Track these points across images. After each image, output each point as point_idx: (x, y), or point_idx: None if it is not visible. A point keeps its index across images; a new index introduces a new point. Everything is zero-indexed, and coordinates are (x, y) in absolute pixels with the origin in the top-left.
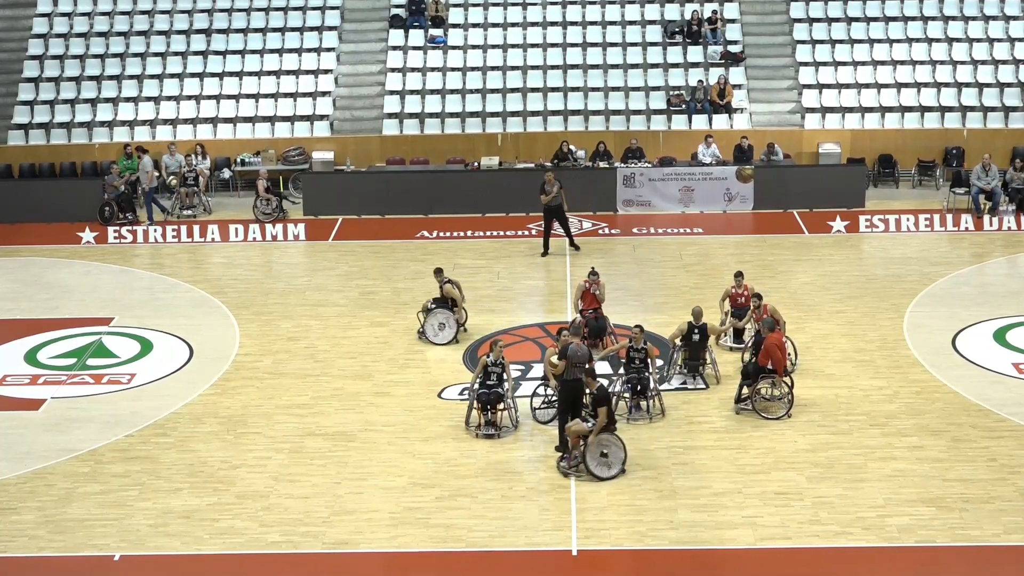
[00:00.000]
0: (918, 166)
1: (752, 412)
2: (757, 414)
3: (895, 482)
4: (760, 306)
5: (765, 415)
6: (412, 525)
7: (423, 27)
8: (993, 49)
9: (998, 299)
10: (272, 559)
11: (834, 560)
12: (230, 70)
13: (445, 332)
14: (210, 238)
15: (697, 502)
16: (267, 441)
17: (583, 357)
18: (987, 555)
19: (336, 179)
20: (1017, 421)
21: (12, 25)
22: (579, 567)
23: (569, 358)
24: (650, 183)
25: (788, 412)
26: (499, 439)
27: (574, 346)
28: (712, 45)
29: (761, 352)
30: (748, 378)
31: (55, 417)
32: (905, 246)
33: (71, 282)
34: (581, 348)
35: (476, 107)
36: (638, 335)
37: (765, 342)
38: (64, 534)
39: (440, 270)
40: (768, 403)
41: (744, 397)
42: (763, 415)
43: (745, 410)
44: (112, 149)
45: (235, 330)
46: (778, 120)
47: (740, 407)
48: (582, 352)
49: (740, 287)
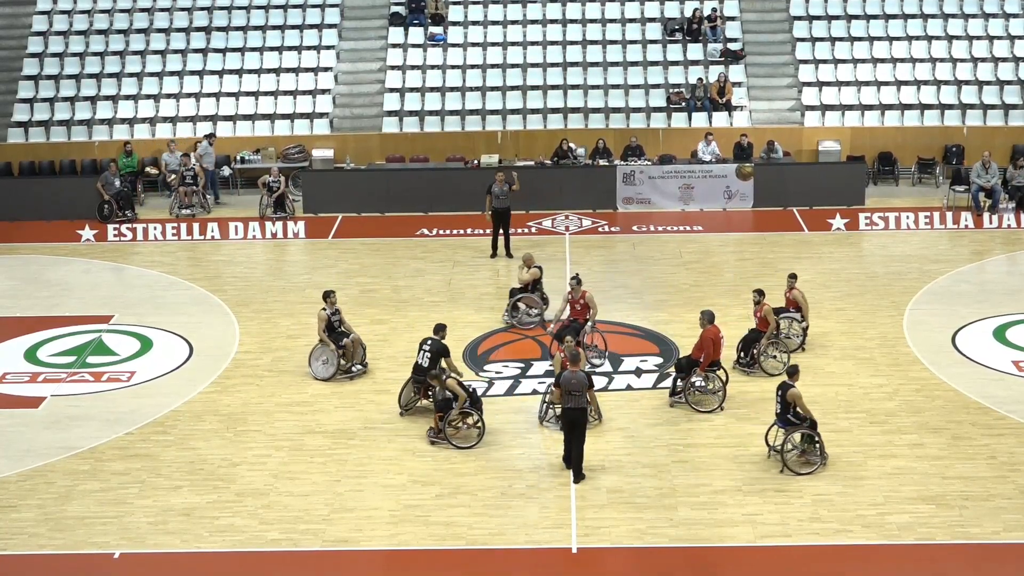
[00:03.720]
0: (918, 164)
1: (685, 405)
2: (691, 407)
3: (895, 480)
4: (760, 303)
5: (698, 408)
6: (412, 523)
7: (423, 25)
8: (993, 47)
9: (998, 297)
10: (272, 557)
11: (834, 558)
12: (230, 68)
13: (327, 367)
14: (210, 236)
15: (697, 500)
16: (267, 439)
17: (580, 385)
18: (987, 553)
19: (336, 177)
20: (1017, 419)
21: (12, 23)
22: (579, 565)
23: (564, 386)
24: (650, 181)
25: (721, 406)
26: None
27: (568, 373)
28: (712, 43)
29: (696, 344)
30: (682, 371)
31: (55, 415)
32: (905, 244)
33: (71, 280)
34: (577, 375)
35: (476, 105)
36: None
37: (702, 335)
38: (64, 532)
39: (327, 294)
40: (702, 396)
41: (678, 391)
42: (696, 408)
43: (679, 403)
44: (112, 147)
45: (235, 328)
46: (778, 118)
47: (674, 400)
48: (578, 379)
49: (791, 288)
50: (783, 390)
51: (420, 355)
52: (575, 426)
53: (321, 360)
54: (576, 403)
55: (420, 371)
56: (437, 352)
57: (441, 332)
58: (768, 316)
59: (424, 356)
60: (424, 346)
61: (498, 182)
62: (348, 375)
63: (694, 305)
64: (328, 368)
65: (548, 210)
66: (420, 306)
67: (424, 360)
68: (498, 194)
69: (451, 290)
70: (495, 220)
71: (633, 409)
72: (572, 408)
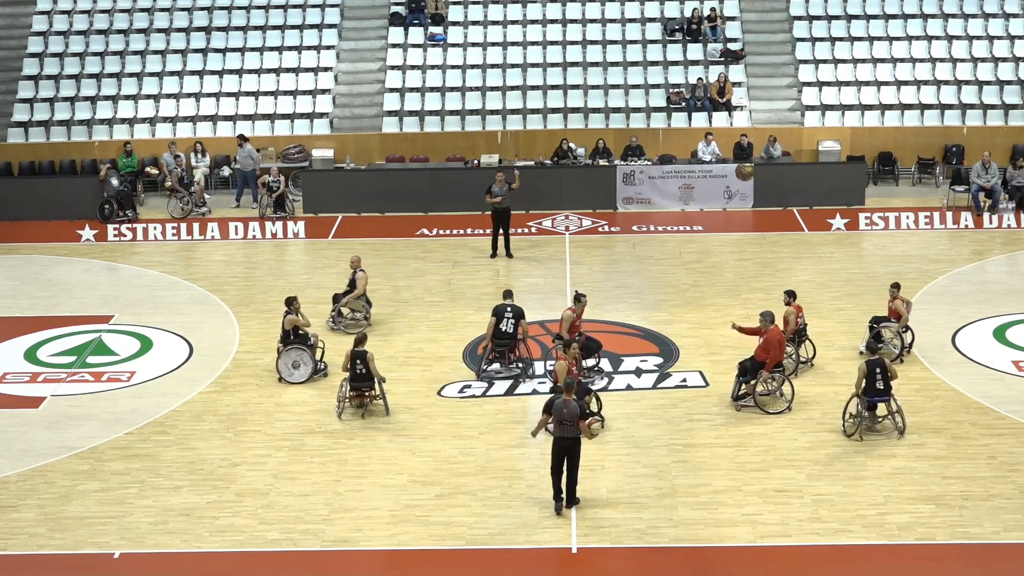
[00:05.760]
0: (918, 164)
1: (753, 408)
2: (760, 409)
3: (895, 480)
4: (790, 303)
5: (766, 409)
6: (412, 523)
7: (423, 24)
8: (993, 47)
9: (998, 297)
10: (272, 557)
11: (834, 558)
12: (230, 68)
13: (300, 371)
14: (210, 236)
15: (697, 500)
16: (267, 439)
17: (572, 415)
18: (987, 553)
19: (336, 177)
20: (1017, 419)
21: (12, 23)
22: (579, 565)
23: (555, 415)
24: (650, 181)
25: (789, 406)
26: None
27: (561, 401)
28: (712, 43)
29: (760, 346)
30: (746, 374)
31: (55, 415)
32: (905, 244)
33: (71, 280)
34: (569, 404)
35: (476, 105)
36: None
37: (767, 336)
38: (64, 532)
39: (290, 300)
40: (768, 398)
41: (743, 394)
42: (765, 410)
43: (746, 407)
44: (112, 147)
45: (235, 328)
46: (778, 118)
47: (741, 404)
48: (569, 408)
49: (894, 298)
50: (880, 366)
51: (504, 322)
52: (568, 455)
53: (290, 363)
54: (569, 432)
55: (504, 336)
56: (518, 316)
57: (512, 297)
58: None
59: (508, 322)
60: (506, 312)
61: (498, 182)
62: (322, 374)
63: (694, 305)
64: (303, 371)
65: (548, 210)
66: (420, 306)
67: (508, 327)
68: (498, 194)
69: (451, 290)
70: (495, 220)
71: (633, 409)
72: (564, 438)
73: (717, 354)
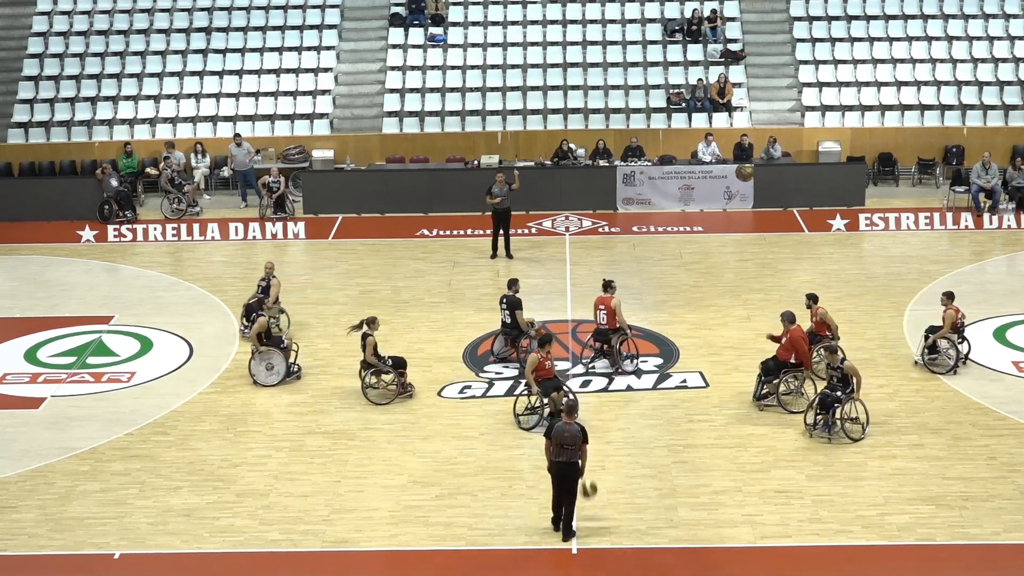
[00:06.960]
0: (918, 164)
1: (776, 407)
2: (783, 409)
3: (895, 480)
4: (812, 307)
5: (790, 409)
6: (412, 523)
7: (423, 25)
8: (993, 47)
9: (998, 297)
10: (272, 557)
11: (834, 558)
12: (230, 68)
13: (273, 373)
14: (210, 236)
15: (697, 500)
16: (267, 439)
17: (573, 439)
18: (987, 553)
19: (336, 177)
20: (1017, 419)
21: (12, 23)
22: (579, 565)
23: (555, 439)
24: (650, 181)
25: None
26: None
27: (561, 425)
28: (712, 43)
29: (783, 346)
30: (769, 374)
31: (55, 415)
32: (905, 244)
33: (71, 280)
34: (570, 428)
35: (476, 105)
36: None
37: (791, 335)
38: (64, 532)
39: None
40: (791, 397)
41: (765, 393)
42: (788, 409)
43: (770, 406)
44: (112, 147)
45: (235, 328)
46: (778, 118)
47: (763, 404)
48: (571, 432)
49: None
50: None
51: (502, 313)
52: (564, 480)
53: (264, 366)
54: (567, 457)
55: (506, 327)
56: (512, 306)
57: (514, 287)
58: (825, 319)
59: (505, 314)
60: (502, 304)
61: (498, 183)
62: (295, 376)
63: (694, 306)
64: (276, 375)
65: (548, 211)
66: (420, 306)
67: (506, 317)
68: (498, 194)
69: (451, 290)
70: (495, 221)
71: (633, 409)
72: (562, 462)
73: (717, 355)
